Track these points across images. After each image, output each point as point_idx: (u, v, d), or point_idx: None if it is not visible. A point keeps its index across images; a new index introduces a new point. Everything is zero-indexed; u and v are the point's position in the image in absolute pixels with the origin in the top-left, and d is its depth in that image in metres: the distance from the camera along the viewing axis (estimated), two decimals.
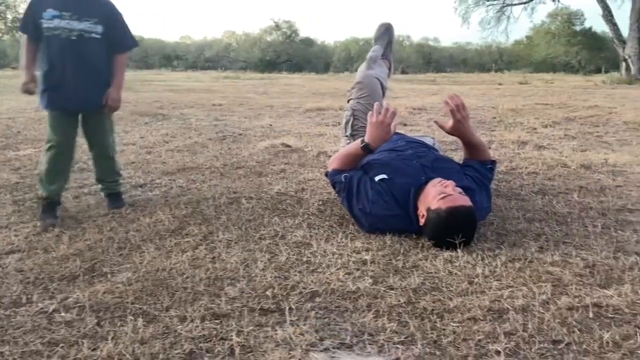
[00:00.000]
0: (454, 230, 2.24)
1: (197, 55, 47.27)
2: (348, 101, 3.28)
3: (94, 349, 1.55)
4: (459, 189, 2.34)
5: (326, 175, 2.75)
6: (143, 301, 1.86)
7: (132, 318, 1.73)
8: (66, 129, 2.86)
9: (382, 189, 2.47)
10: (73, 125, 2.89)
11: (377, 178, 2.51)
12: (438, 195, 2.28)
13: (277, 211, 2.89)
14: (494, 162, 2.77)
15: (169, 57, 47.37)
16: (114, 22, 2.88)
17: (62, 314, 1.77)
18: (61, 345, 1.58)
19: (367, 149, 2.57)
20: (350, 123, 3.14)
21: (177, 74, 28.41)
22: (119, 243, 2.44)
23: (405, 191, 2.45)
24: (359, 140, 2.62)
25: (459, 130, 2.65)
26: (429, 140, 3.24)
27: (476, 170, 2.66)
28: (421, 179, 2.46)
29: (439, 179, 2.41)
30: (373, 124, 2.55)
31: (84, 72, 2.80)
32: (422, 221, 2.36)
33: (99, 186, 3.12)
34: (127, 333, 1.63)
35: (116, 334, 1.64)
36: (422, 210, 2.36)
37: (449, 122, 2.64)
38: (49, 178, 2.85)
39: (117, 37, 2.90)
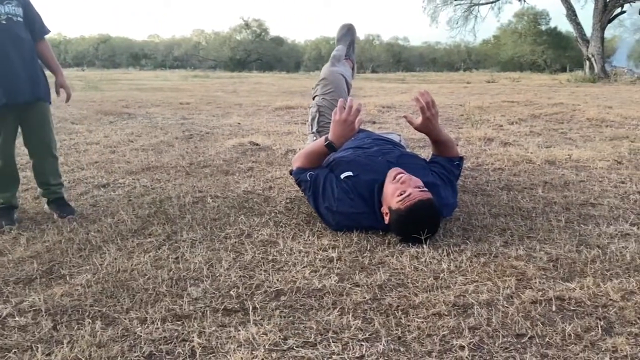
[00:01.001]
0: (418, 226, 2.24)
1: (165, 54, 46.73)
2: (313, 98, 3.26)
3: (48, 354, 1.50)
4: (416, 180, 2.33)
5: (291, 173, 2.71)
6: (102, 303, 1.80)
7: (90, 321, 1.68)
8: (6, 130, 2.64)
9: (348, 187, 2.46)
10: (14, 125, 2.68)
11: (342, 175, 2.49)
12: (396, 194, 2.28)
13: (243, 210, 2.85)
14: (461, 159, 2.78)
15: (137, 56, 46.72)
16: (29, 5, 2.69)
17: (17, 318, 1.71)
18: (14, 350, 1.52)
19: (330, 147, 2.55)
20: (316, 119, 3.11)
21: (145, 73, 28.03)
22: (79, 244, 2.37)
23: (371, 188, 2.44)
24: (322, 138, 2.60)
25: (428, 127, 2.65)
26: (395, 137, 3.24)
27: (442, 167, 2.66)
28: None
29: (395, 171, 2.40)
30: (337, 121, 2.52)
31: (27, 57, 2.60)
32: (386, 219, 2.35)
33: (41, 191, 2.87)
34: (84, 336, 1.58)
35: (72, 337, 1.58)
36: (385, 209, 2.35)
37: (418, 119, 2.64)
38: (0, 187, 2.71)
39: (37, 21, 2.72)
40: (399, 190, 2.28)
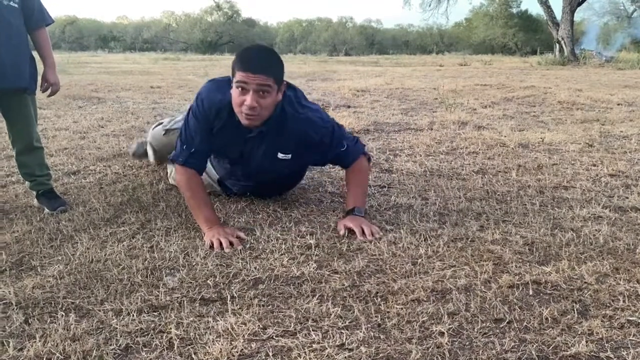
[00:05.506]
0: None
1: (135, 37, 45.79)
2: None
3: (20, 349, 1.45)
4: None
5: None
6: (76, 295, 1.76)
7: (64, 313, 1.63)
8: None
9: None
10: None
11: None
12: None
13: (219, 197, 2.81)
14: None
15: (106, 39, 45.69)
16: None
17: None
18: None
19: None
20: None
21: (114, 55, 27.46)
22: (50, 234, 2.31)
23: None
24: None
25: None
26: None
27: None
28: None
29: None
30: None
31: (10, 44, 2.45)
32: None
33: (29, 184, 2.74)
34: (57, 330, 1.53)
35: (45, 331, 1.54)
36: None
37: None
38: None
39: (36, 8, 2.57)
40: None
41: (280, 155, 2.43)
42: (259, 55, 2.22)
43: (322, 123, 2.40)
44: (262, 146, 2.40)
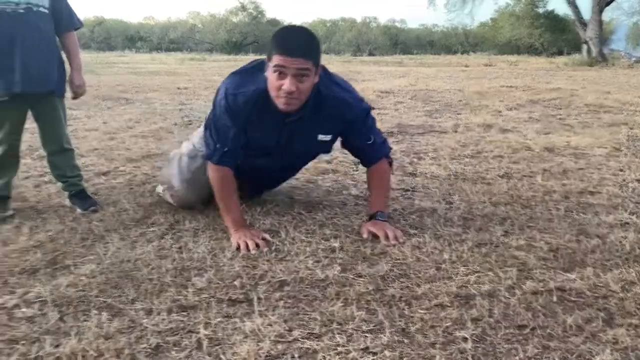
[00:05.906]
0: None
1: (161, 37, 46.25)
2: None
3: (56, 346, 1.51)
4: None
5: None
6: (107, 294, 1.82)
7: (97, 312, 1.69)
8: (14, 121, 2.59)
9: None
10: (22, 116, 2.63)
11: None
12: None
13: (244, 198, 2.85)
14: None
15: (133, 39, 46.27)
16: None
17: (23, 310, 1.72)
18: (22, 342, 1.53)
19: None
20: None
21: (141, 55, 27.86)
22: (82, 234, 2.38)
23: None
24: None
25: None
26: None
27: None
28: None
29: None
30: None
31: (39, 49, 2.52)
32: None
33: (61, 185, 2.81)
34: (90, 328, 1.59)
35: (80, 329, 1.60)
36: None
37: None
38: None
39: (65, 12, 2.64)
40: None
41: (320, 137, 2.41)
42: (298, 37, 2.17)
43: (357, 104, 2.39)
44: (303, 130, 2.36)
